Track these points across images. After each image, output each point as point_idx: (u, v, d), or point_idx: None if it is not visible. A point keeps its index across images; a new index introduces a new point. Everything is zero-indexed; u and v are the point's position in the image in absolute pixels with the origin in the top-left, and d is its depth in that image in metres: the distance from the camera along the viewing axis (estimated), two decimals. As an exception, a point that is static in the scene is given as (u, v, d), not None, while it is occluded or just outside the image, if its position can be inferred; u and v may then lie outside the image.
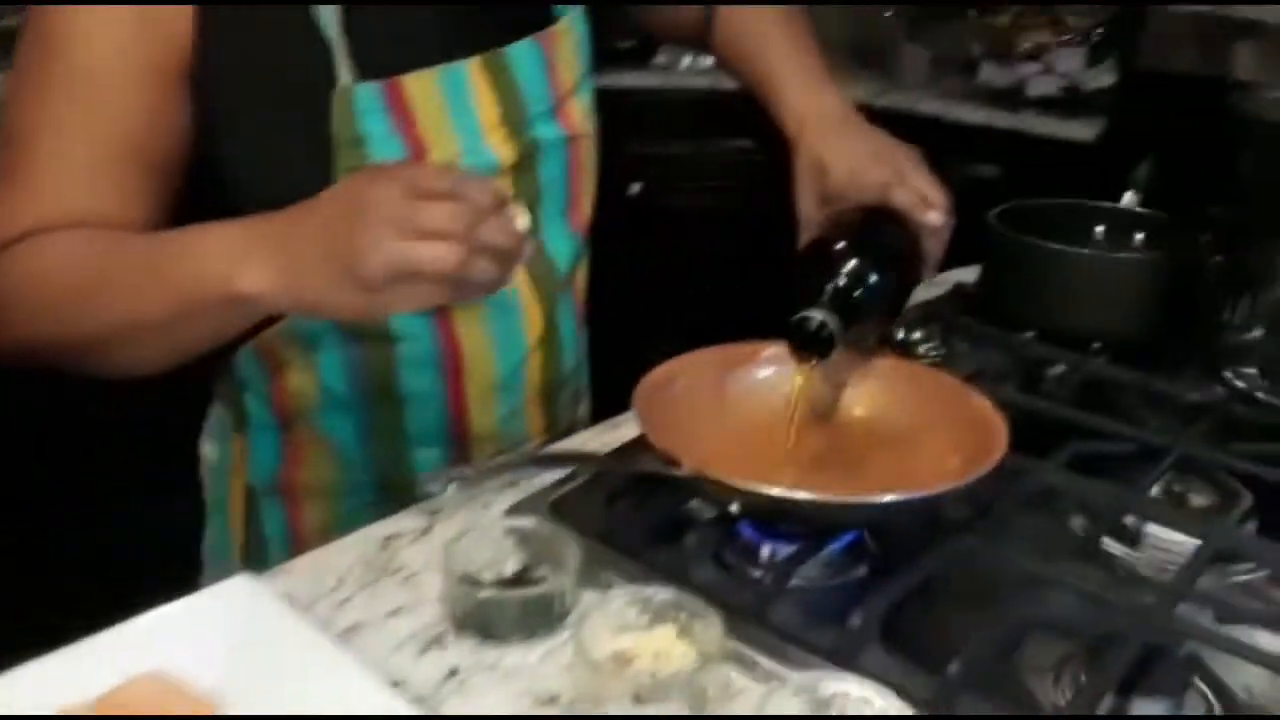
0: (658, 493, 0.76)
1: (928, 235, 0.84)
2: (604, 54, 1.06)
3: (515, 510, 0.76)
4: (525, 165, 0.90)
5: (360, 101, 0.79)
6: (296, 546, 0.95)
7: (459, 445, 0.94)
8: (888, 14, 2.89)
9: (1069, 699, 0.61)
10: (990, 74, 2.56)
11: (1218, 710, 0.60)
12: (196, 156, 0.80)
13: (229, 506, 0.97)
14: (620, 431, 0.89)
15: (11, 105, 0.76)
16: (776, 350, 0.83)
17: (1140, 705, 0.61)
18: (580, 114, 0.95)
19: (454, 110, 0.84)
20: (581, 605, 0.67)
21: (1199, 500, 0.81)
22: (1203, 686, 0.62)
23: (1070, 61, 2.54)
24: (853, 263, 0.76)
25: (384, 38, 0.80)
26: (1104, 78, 2.48)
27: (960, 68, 2.70)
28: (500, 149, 0.87)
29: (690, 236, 2.84)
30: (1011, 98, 2.52)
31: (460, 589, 0.65)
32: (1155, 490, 0.80)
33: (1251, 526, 0.78)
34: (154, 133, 0.76)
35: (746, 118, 2.99)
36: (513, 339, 0.93)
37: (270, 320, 0.82)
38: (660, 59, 2.93)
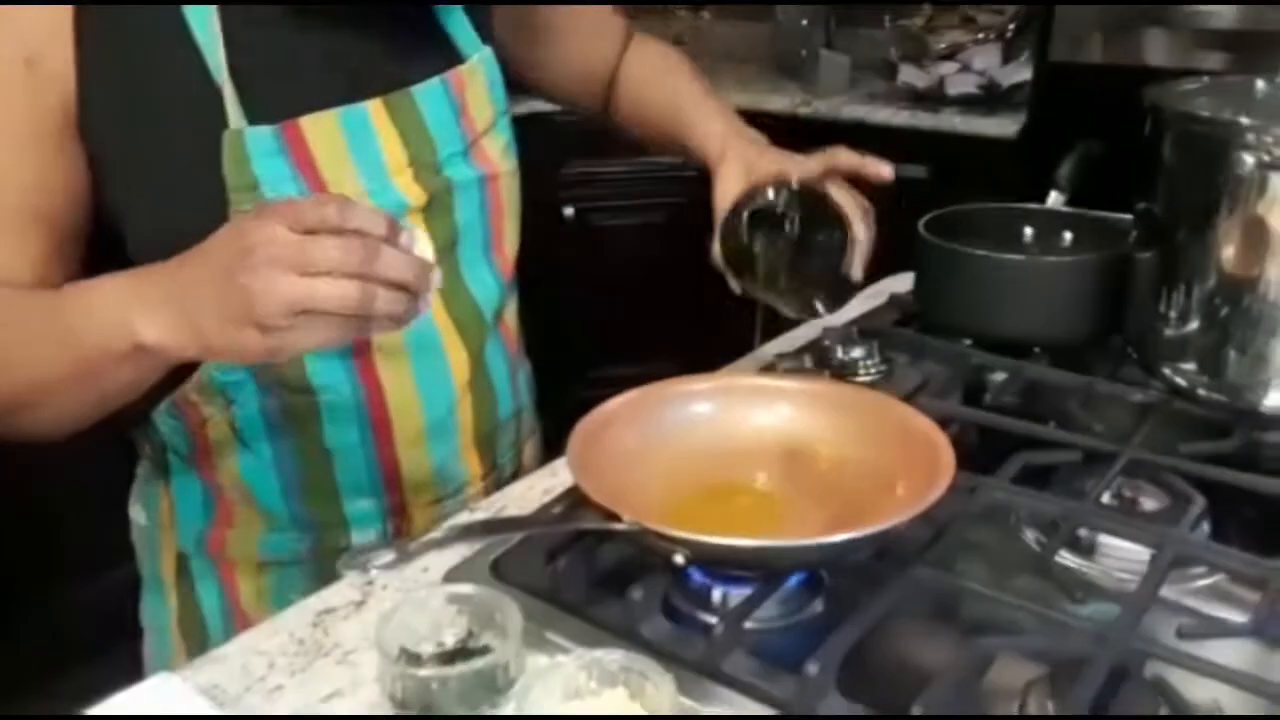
0: (601, 546, 0.73)
1: (858, 219, 0.91)
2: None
3: (454, 573, 0.73)
4: (438, 206, 0.87)
5: (253, 145, 0.77)
6: (234, 617, 0.92)
7: (392, 494, 0.91)
8: (804, 23, 2.91)
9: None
10: (909, 76, 2.58)
11: (1186, 727, 0.59)
12: (96, 210, 0.78)
13: (162, 574, 0.93)
14: (561, 477, 0.86)
15: None
16: (709, 385, 0.81)
17: (1110, 727, 0.59)
18: (497, 152, 0.93)
19: (356, 151, 0.82)
20: (528, 672, 0.64)
21: (1150, 504, 0.80)
22: (1169, 709, 0.60)
23: (986, 59, 2.57)
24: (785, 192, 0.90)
25: (276, 80, 0.79)
26: (1020, 73, 2.51)
27: (879, 72, 2.72)
28: (409, 189, 0.85)
29: (629, 255, 2.83)
30: (932, 98, 2.54)
31: (398, 668, 0.62)
32: (1106, 497, 0.79)
33: (1205, 529, 0.77)
34: (50, 192, 0.75)
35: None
36: (439, 384, 0.90)
37: (187, 370, 0.80)
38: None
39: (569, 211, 2.80)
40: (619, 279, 2.81)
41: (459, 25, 0.90)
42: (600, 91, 1.13)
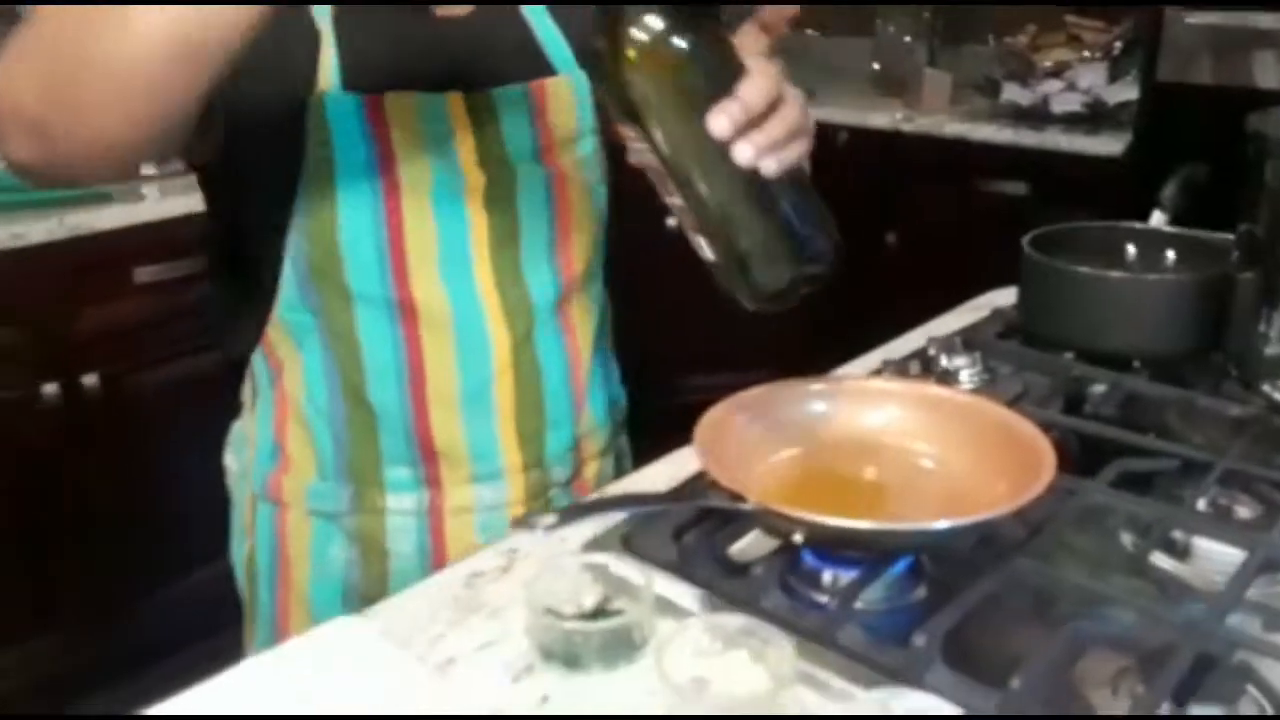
0: (723, 529, 0.80)
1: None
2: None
3: (590, 546, 0.81)
4: (500, 189, 0.92)
5: (332, 108, 0.85)
6: (278, 564, 1.00)
7: (428, 464, 0.96)
8: (907, 39, 2.94)
9: (1127, 709, 0.64)
10: (1013, 93, 2.60)
11: (1269, 713, 0.63)
12: None
13: (244, 515, 1.03)
14: (687, 467, 0.93)
15: None
16: (824, 386, 0.88)
17: (1196, 712, 0.64)
18: (572, 161, 0.96)
19: (428, 131, 0.89)
20: (658, 634, 0.71)
21: (1244, 513, 0.84)
22: (1256, 693, 0.65)
23: (1092, 77, 2.58)
24: None
25: (375, 52, 0.87)
26: (1126, 92, 2.51)
27: (982, 90, 2.74)
28: (470, 172, 0.91)
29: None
30: (1036, 116, 2.56)
31: (545, 621, 0.70)
32: (1201, 504, 0.83)
33: (1298, 537, 0.81)
34: None
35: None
36: (478, 357, 0.94)
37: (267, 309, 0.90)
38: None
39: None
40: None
41: (554, 42, 0.96)
42: None
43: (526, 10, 0.96)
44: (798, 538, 0.72)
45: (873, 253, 2.77)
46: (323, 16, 0.86)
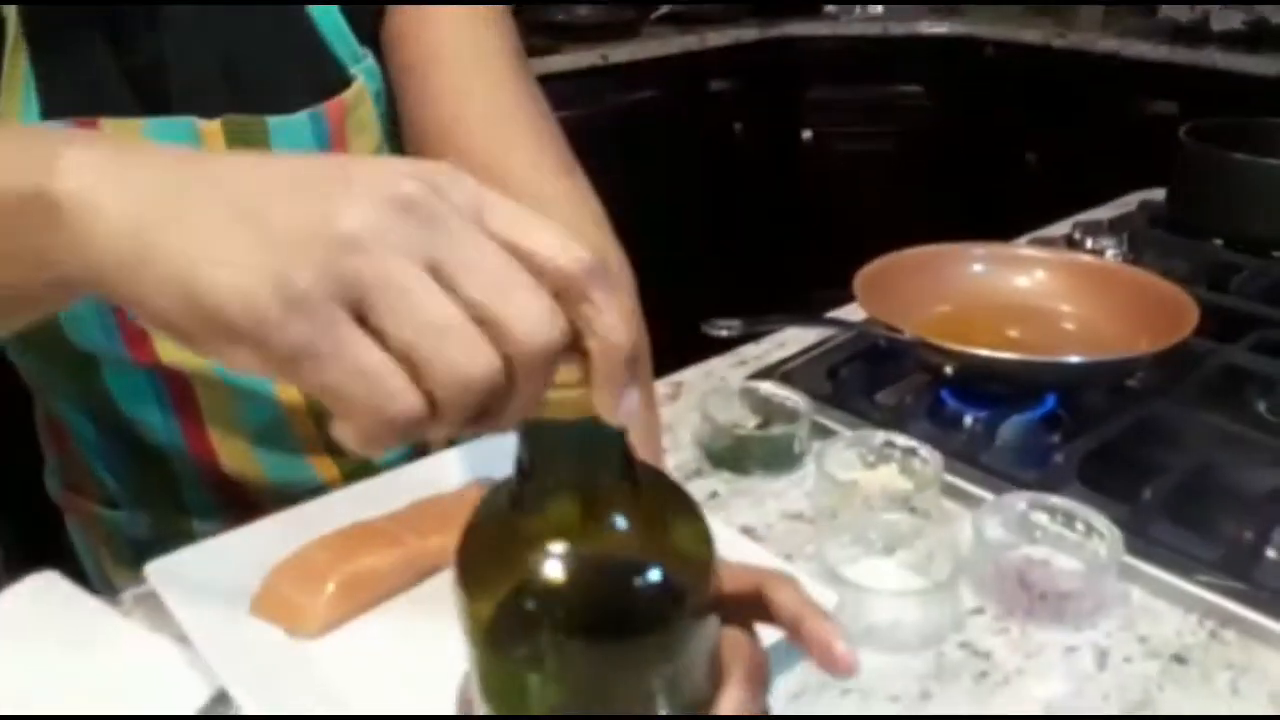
0: (872, 369, 0.87)
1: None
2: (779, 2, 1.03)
3: (751, 378, 0.89)
4: None
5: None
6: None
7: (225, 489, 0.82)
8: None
9: (1250, 533, 0.70)
10: (1172, 9, 2.53)
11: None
12: None
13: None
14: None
15: None
16: (983, 250, 0.94)
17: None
18: None
19: None
20: (815, 450, 0.80)
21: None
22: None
23: (1258, -6, 2.48)
24: None
25: (79, 76, 0.68)
26: (1295, 11, 2.41)
27: (1136, 7, 2.67)
28: None
29: (860, 180, 2.92)
30: (1194, 33, 2.48)
31: (717, 429, 0.79)
32: (1337, 371, 0.87)
33: None
34: None
35: (916, 63, 3.02)
36: (260, 399, 0.79)
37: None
38: (830, 8, 2.99)
39: (808, 135, 2.91)
40: (852, 201, 2.91)
41: (338, 34, 0.75)
42: None
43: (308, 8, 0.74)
44: (949, 369, 0.79)
45: (1011, 173, 2.76)
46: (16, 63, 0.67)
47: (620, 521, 0.35)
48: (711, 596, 0.36)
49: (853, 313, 0.89)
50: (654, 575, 0.35)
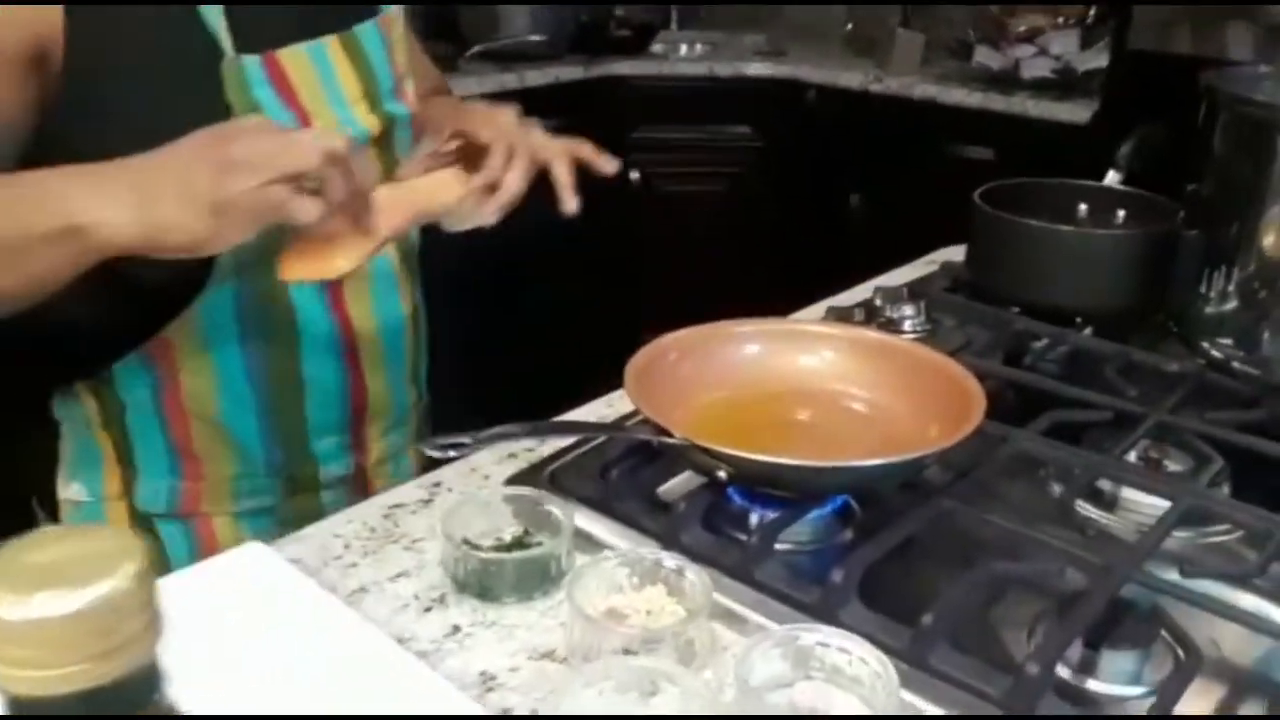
0: (649, 465, 0.79)
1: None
2: (602, 42, 1.07)
3: (514, 481, 0.79)
4: (385, 138, 0.93)
5: (249, 72, 0.81)
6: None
7: (357, 427, 0.98)
8: (882, -1, 2.91)
9: (1035, 648, 0.64)
10: (985, 57, 2.59)
11: (1183, 659, 0.63)
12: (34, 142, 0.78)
13: None
14: (616, 408, 0.92)
15: None
16: (758, 327, 0.86)
17: (1108, 656, 0.64)
18: (412, 96, 0.98)
19: (325, 84, 0.87)
20: (576, 567, 0.71)
21: (1174, 466, 0.84)
22: (1169, 639, 0.65)
23: (1064, 44, 2.56)
24: None
25: (255, 15, 0.83)
26: (1097, 59, 2.50)
27: (955, 52, 2.72)
28: (366, 120, 0.90)
29: (691, 221, 2.87)
30: (1006, 81, 2.54)
31: (460, 551, 0.69)
32: (1131, 456, 0.83)
33: (1224, 489, 0.81)
34: None
35: (743, 104, 3.00)
36: (392, 312, 0.97)
37: (156, 324, 0.84)
38: (657, 47, 2.96)
39: (635, 175, 2.85)
40: (680, 243, 2.87)
41: None
42: None
43: None
44: (722, 474, 0.71)
45: (837, 214, 2.76)
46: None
47: None
48: None
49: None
50: None
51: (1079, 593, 0.67)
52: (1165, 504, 0.77)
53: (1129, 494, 0.80)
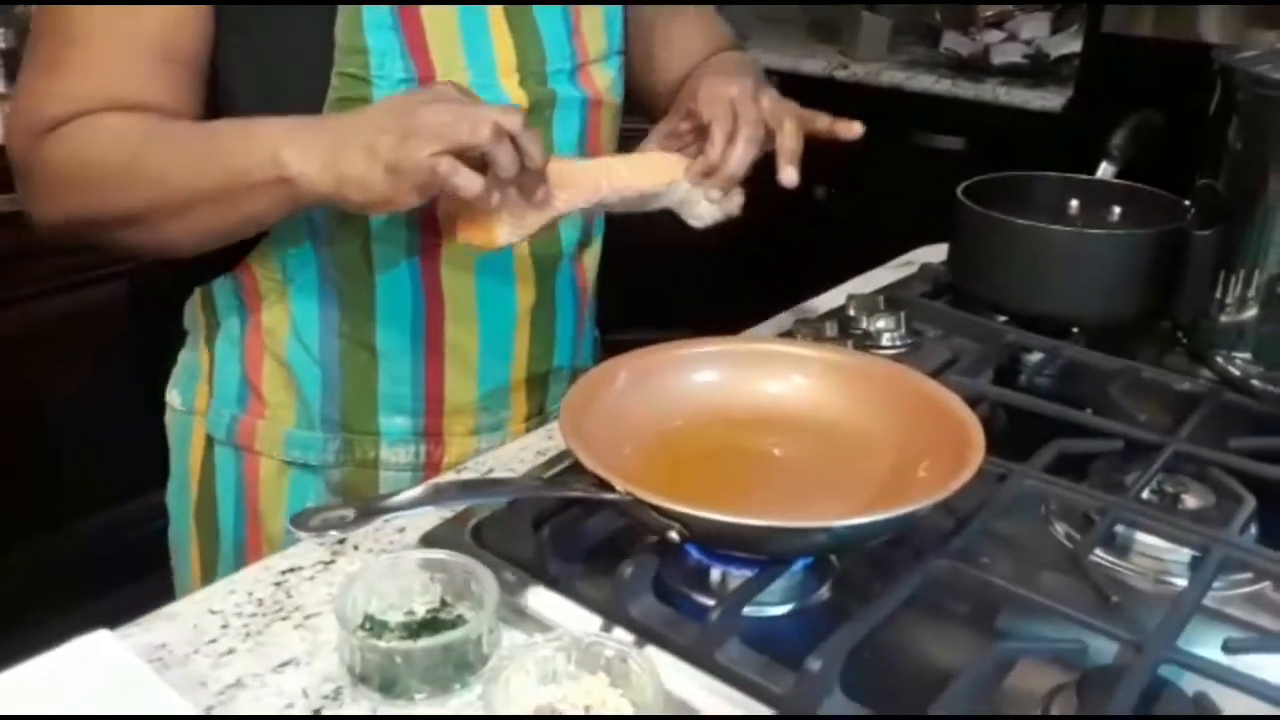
0: (592, 516, 0.67)
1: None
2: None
3: (432, 536, 0.67)
4: (538, 116, 0.85)
5: (369, 14, 0.78)
6: (247, 517, 0.92)
7: (431, 415, 0.90)
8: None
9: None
10: (953, 42, 2.49)
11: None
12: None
13: (189, 463, 0.93)
14: (557, 440, 0.80)
15: (49, 7, 0.78)
16: (717, 349, 0.75)
17: (1143, 752, 0.53)
18: (605, 83, 0.91)
19: (469, 46, 0.82)
20: (503, 649, 0.59)
21: (1195, 502, 0.73)
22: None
23: (1034, 28, 2.47)
24: None
25: None
26: (1069, 44, 2.41)
27: (922, 37, 2.62)
28: (513, 92, 0.84)
29: (643, 217, 2.75)
30: (975, 67, 2.44)
31: (358, 638, 0.56)
32: (1147, 493, 0.73)
33: (1253, 531, 0.71)
34: (185, 32, 0.78)
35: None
36: (501, 306, 0.88)
37: (248, 246, 0.84)
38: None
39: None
40: (632, 241, 2.74)
41: None
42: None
43: None
44: (674, 535, 0.59)
45: (800, 208, 2.65)
46: None
47: None
48: None
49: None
50: None
51: (1103, 669, 0.56)
52: (1187, 551, 0.66)
53: (1145, 539, 0.69)
